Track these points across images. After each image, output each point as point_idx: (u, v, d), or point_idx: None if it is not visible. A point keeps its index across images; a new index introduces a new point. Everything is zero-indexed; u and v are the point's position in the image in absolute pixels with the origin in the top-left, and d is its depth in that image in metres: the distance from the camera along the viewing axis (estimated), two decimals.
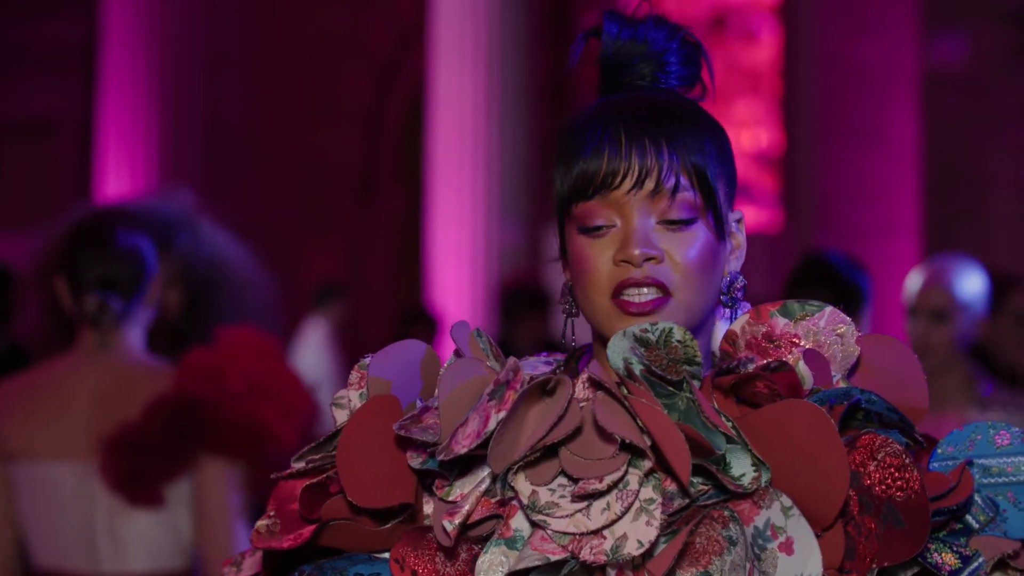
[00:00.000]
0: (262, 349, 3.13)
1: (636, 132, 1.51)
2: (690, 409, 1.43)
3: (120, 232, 3.25)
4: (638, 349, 1.44)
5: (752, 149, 9.40)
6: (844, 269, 3.98)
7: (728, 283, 1.56)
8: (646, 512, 1.39)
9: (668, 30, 1.62)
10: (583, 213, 1.52)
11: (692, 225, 1.51)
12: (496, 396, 1.44)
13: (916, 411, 1.51)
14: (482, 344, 1.53)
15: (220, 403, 3.04)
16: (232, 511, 3.08)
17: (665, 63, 1.62)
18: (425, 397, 1.54)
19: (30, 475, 3.18)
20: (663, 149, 1.50)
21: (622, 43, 1.61)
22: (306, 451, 1.54)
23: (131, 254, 3.22)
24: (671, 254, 1.50)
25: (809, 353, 1.51)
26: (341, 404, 1.57)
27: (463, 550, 1.45)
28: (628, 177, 1.50)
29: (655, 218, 1.51)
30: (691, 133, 1.52)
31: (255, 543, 1.52)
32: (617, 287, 1.50)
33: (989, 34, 8.59)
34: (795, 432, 1.40)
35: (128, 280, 3.21)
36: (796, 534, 1.39)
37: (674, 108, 1.54)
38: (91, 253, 3.21)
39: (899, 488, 1.40)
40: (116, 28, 10.17)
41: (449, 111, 9.15)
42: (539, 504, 1.41)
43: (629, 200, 1.50)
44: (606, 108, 1.54)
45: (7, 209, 10.39)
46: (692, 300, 1.51)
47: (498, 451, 1.42)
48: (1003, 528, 1.48)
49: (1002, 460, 1.50)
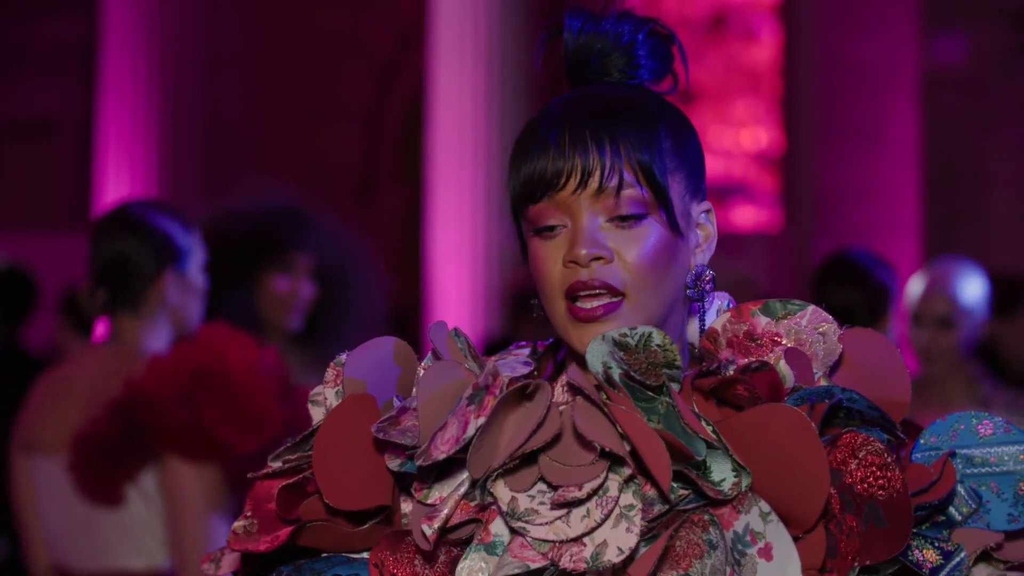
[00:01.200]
0: (230, 349, 3.10)
1: (579, 131, 1.50)
2: (670, 414, 1.43)
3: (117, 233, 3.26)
4: (617, 353, 1.43)
5: (752, 149, 9.39)
6: (873, 268, 3.97)
7: (695, 276, 1.55)
8: (626, 519, 1.38)
9: (634, 23, 1.60)
10: (535, 215, 1.51)
11: (642, 221, 1.50)
12: (475, 401, 1.43)
13: (899, 404, 1.50)
14: (460, 345, 1.53)
15: (163, 403, 3.02)
16: (195, 510, 3.06)
17: (633, 56, 1.60)
18: (401, 390, 1.54)
19: (36, 468, 3.20)
20: (605, 147, 1.49)
21: (584, 38, 1.60)
22: (282, 450, 1.54)
23: (121, 256, 3.22)
24: (621, 252, 1.49)
25: (791, 352, 1.51)
26: (317, 401, 1.57)
27: (442, 552, 1.44)
28: (572, 177, 1.49)
29: (603, 217, 1.50)
30: (637, 129, 1.50)
31: (232, 545, 1.51)
32: (568, 290, 1.49)
33: (989, 34, 8.58)
34: (776, 436, 1.40)
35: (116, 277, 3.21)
36: (775, 540, 1.38)
37: (623, 104, 1.52)
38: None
39: (881, 487, 1.40)
40: (116, 28, 10.16)
41: (449, 111, 9.14)
42: (518, 511, 1.40)
43: (576, 200, 1.49)
44: (554, 109, 1.53)
45: (7, 209, 10.39)
46: (647, 299, 1.50)
47: (477, 457, 1.41)
48: (986, 519, 1.47)
49: (985, 450, 1.49)
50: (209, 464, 3.05)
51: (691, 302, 1.57)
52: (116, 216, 3.25)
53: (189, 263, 3.23)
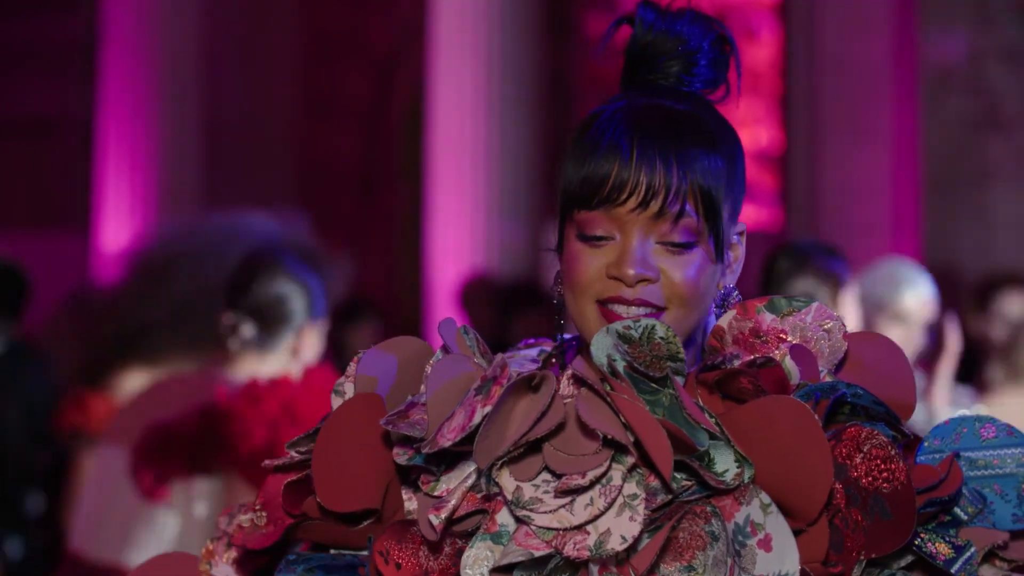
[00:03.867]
0: (327, 391, 3.12)
1: (649, 147, 1.47)
2: (673, 405, 1.43)
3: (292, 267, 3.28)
4: (621, 346, 1.44)
5: (751, 148, 9.39)
6: (816, 256, 3.93)
7: (723, 296, 1.55)
8: (629, 507, 1.39)
9: (703, 27, 1.58)
10: (584, 221, 1.50)
11: (692, 249, 1.49)
12: (483, 391, 1.44)
13: (904, 406, 1.51)
14: (469, 341, 1.53)
15: (247, 420, 3.05)
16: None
17: (694, 64, 1.58)
18: (412, 392, 1.54)
19: (99, 454, 3.31)
20: (673, 170, 1.47)
21: (655, 35, 1.57)
22: (300, 439, 1.55)
23: (278, 298, 3.23)
24: (667, 274, 1.49)
25: (796, 348, 1.51)
26: (340, 392, 1.57)
27: (447, 544, 1.45)
28: (634, 196, 1.47)
29: (655, 238, 1.49)
30: (705, 154, 1.49)
31: (233, 540, 1.52)
32: (606, 300, 1.49)
33: (989, 34, 8.59)
34: (779, 428, 1.41)
35: (265, 316, 3.22)
36: (774, 531, 1.39)
37: (691, 123, 1.50)
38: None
39: (885, 480, 1.40)
40: (116, 27, 10.17)
41: (449, 109, 9.15)
42: (523, 500, 1.41)
43: (632, 217, 1.48)
44: (625, 114, 1.50)
45: (7, 208, 10.39)
46: (683, 317, 1.50)
47: (483, 446, 1.42)
48: (991, 520, 1.48)
49: (988, 453, 1.50)
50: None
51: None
52: (275, 259, 3.28)
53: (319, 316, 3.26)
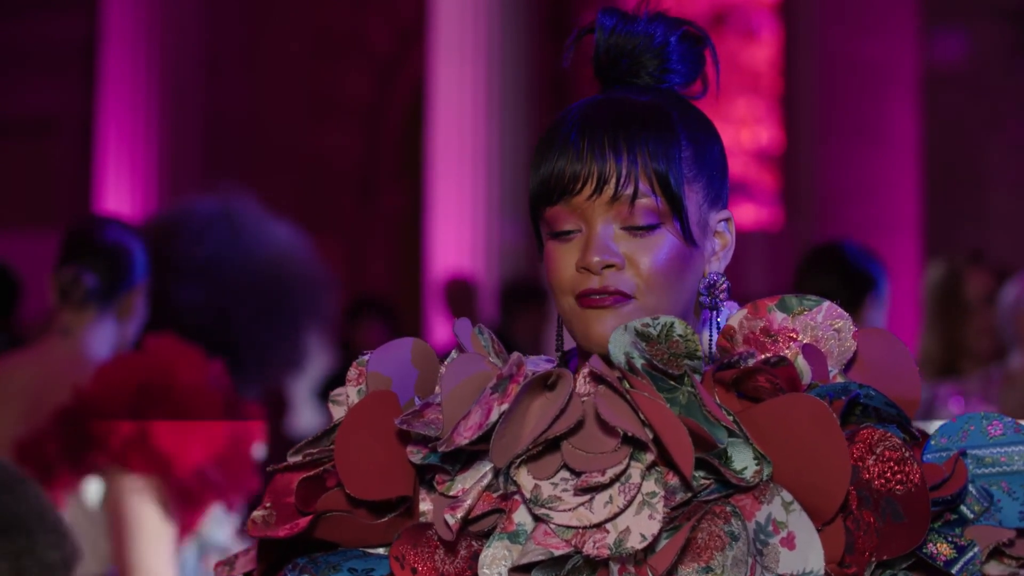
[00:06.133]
0: (176, 362, 3.10)
1: (598, 137, 1.49)
2: (692, 403, 1.43)
3: (111, 230, 3.25)
4: (639, 343, 1.44)
5: (752, 147, 9.39)
6: (853, 256, 3.97)
7: (709, 284, 1.54)
8: (648, 505, 1.39)
9: (667, 25, 1.59)
10: (551, 217, 1.52)
11: (655, 231, 1.50)
12: (499, 389, 1.44)
13: (909, 403, 1.52)
14: (483, 341, 1.53)
15: (110, 415, 3.02)
16: (138, 523, 3.05)
17: (664, 59, 1.59)
18: (420, 391, 1.54)
19: None
20: (622, 155, 1.49)
21: (616, 38, 1.58)
22: (303, 444, 1.54)
23: (118, 250, 3.22)
24: (633, 260, 1.50)
25: (807, 348, 1.51)
26: (338, 401, 1.57)
27: (463, 547, 1.45)
28: (588, 183, 1.49)
29: (617, 224, 1.50)
30: (656, 138, 1.50)
31: (251, 532, 1.52)
32: (579, 295, 1.50)
33: (989, 33, 8.59)
34: (797, 426, 1.41)
35: (109, 268, 3.21)
36: (797, 529, 1.39)
37: (646, 111, 1.52)
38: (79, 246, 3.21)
39: (899, 482, 1.40)
40: (116, 27, 10.17)
41: (449, 109, 9.15)
42: (542, 498, 1.41)
43: (591, 206, 1.49)
44: (577, 111, 1.53)
45: (7, 208, 10.39)
46: (655, 305, 1.49)
47: (500, 445, 1.42)
48: (998, 518, 1.48)
49: (995, 450, 1.50)
50: (152, 478, 3.05)
51: (704, 310, 1.57)
52: (120, 221, 3.28)
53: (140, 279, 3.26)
